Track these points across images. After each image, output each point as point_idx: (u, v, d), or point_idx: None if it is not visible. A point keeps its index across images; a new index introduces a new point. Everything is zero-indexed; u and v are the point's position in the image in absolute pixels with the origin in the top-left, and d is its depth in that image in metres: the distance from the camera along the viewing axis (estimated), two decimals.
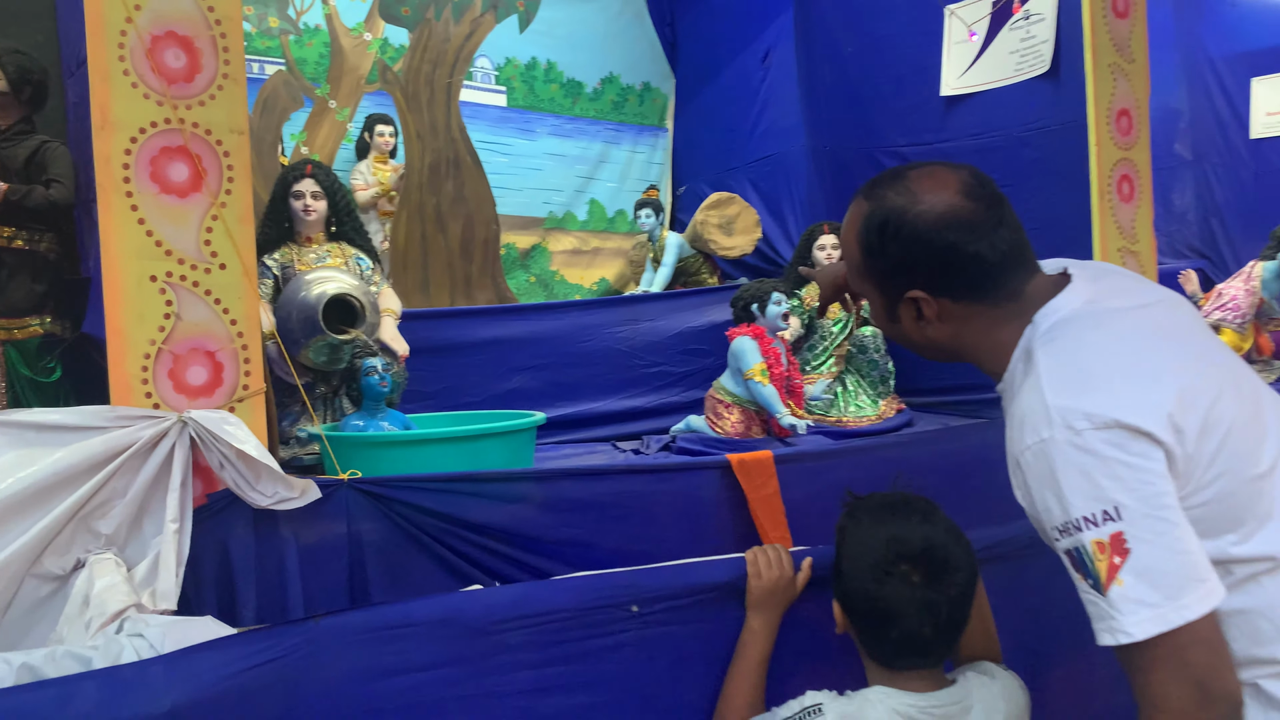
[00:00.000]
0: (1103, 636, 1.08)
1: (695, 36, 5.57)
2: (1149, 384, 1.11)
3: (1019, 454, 1.13)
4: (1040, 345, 1.16)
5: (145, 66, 1.92)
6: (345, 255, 3.09)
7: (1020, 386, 1.17)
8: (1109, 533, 1.05)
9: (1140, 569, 1.05)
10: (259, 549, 2.01)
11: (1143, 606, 1.04)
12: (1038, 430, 1.10)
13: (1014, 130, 3.87)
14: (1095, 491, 1.06)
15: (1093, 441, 1.06)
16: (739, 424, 3.44)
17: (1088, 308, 1.19)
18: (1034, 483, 1.11)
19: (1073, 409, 1.08)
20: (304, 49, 4.48)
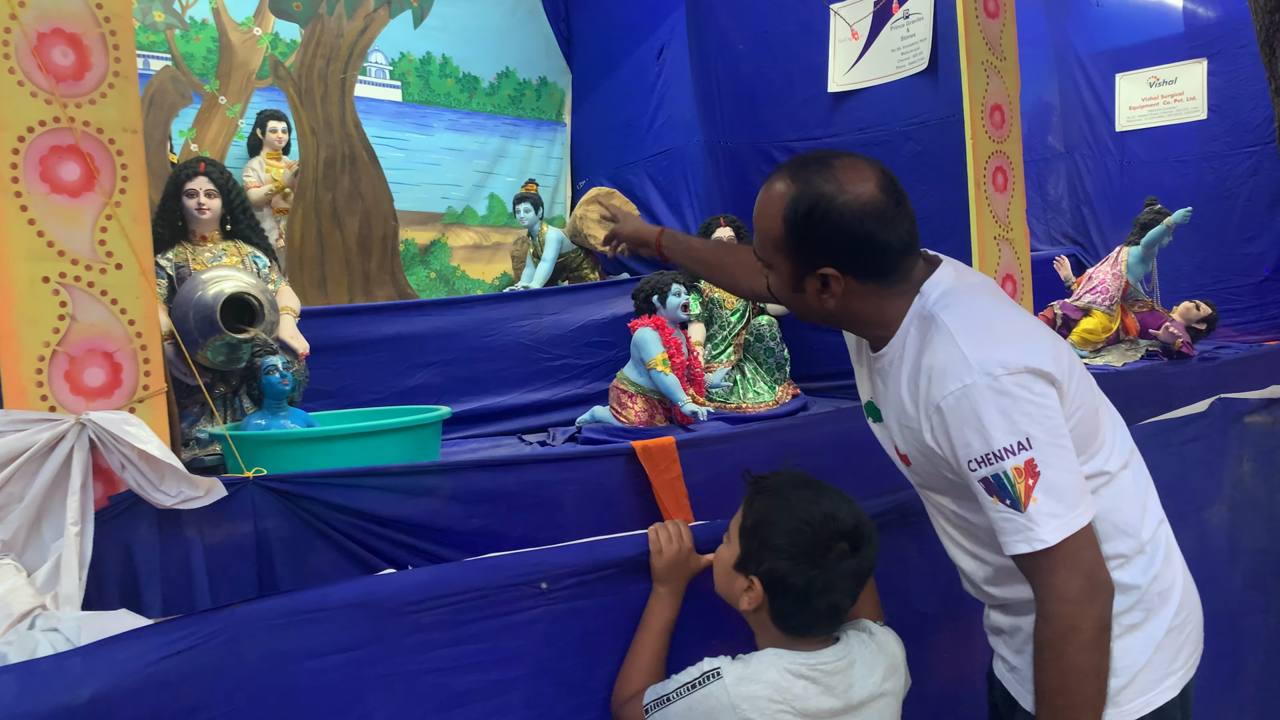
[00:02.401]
0: (1018, 546, 1.28)
1: (590, 32, 5.62)
2: (1037, 337, 1.35)
3: (939, 399, 1.31)
4: (940, 310, 1.35)
5: (32, 64, 1.89)
6: (241, 253, 3.06)
7: (925, 345, 1.34)
8: (1024, 459, 1.25)
9: (1048, 487, 1.26)
10: (163, 550, 2.00)
11: (1053, 518, 1.26)
12: (960, 377, 1.28)
13: (897, 125, 4.04)
14: (1011, 426, 1.26)
15: (1008, 384, 1.26)
16: (643, 413, 3.53)
17: (959, 281, 1.41)
18: (954, 423, 1.29)
19: (989, 359, 1.27)
20: (191, 44, 4.38)
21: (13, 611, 1.39)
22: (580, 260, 4.78)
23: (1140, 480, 1.49)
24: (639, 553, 1.49)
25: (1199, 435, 2.55)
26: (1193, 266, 5.59)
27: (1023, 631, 1.45)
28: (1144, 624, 1.41)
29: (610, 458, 2.70)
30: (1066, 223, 6.72)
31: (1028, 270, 3.59)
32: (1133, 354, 4.83)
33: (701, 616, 1.54)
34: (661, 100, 5.10)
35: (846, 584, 1.38)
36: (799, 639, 1.40)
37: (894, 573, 1.72)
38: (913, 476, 1.49)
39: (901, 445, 1.45)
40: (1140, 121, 6.13)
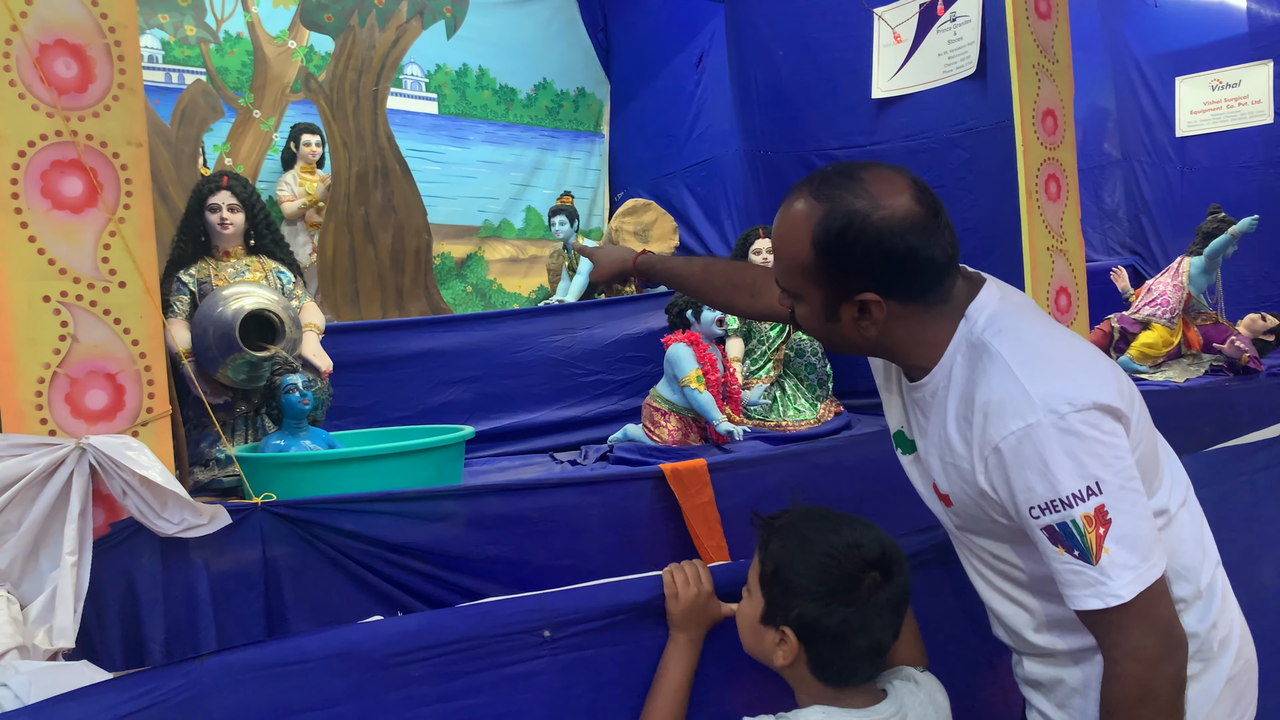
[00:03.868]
0: (1087, 601, 1.16)
1: (629, 42, 5.54)
2: (1099, 366, 1.22)
3: (997, 440, 1.18)
4: (992, 337, 1.22)
5: (34, 76, 1.83)
6: (265, 269, 3.00)
7: (977, 377, 1.21)
8: (1094, 506, 1.14)
9: (1120, 536, 1.14)
10: (167, 579, 1.93)
11: (1127, 570, 1.14)
12: (1022, 416, 1.16)
13: (944, 132, 3.89)
14: (1080, 469, 1.14)
15: (1075, 423, 1.14)
16: (676, 432, 3.41)
17: (1005, 303, 1.27)
18: (1014, 466, 1.17)
19: (1054, 394, 1.15)
20: (225, 58, 4.36)
21: None
22: None
23: (1197, 518, 1.36)
24: (653, 597, 1.37)
25: (1272, 462, 2.36)
26: (1259, 276, 5.34)
27: (1065, 685, 1.32)
28: (1202, 675, 1.28)
29: (638, 481, 2.58)
30: (1124, 232, 6.48)
31: (1083, 283, 3.42)
32: (1195, 369, 4.60)
33: (723, 667, 1.41)
34: (700, 109, 5.00)
35: (885, 617, 1.25)
36: (843, 690, 1.27)
37: (931, 616, 1.58)
38: (952, 519, 1.35)
39: (943, 485, 1.32)
40: (1202, 126, 5.89)
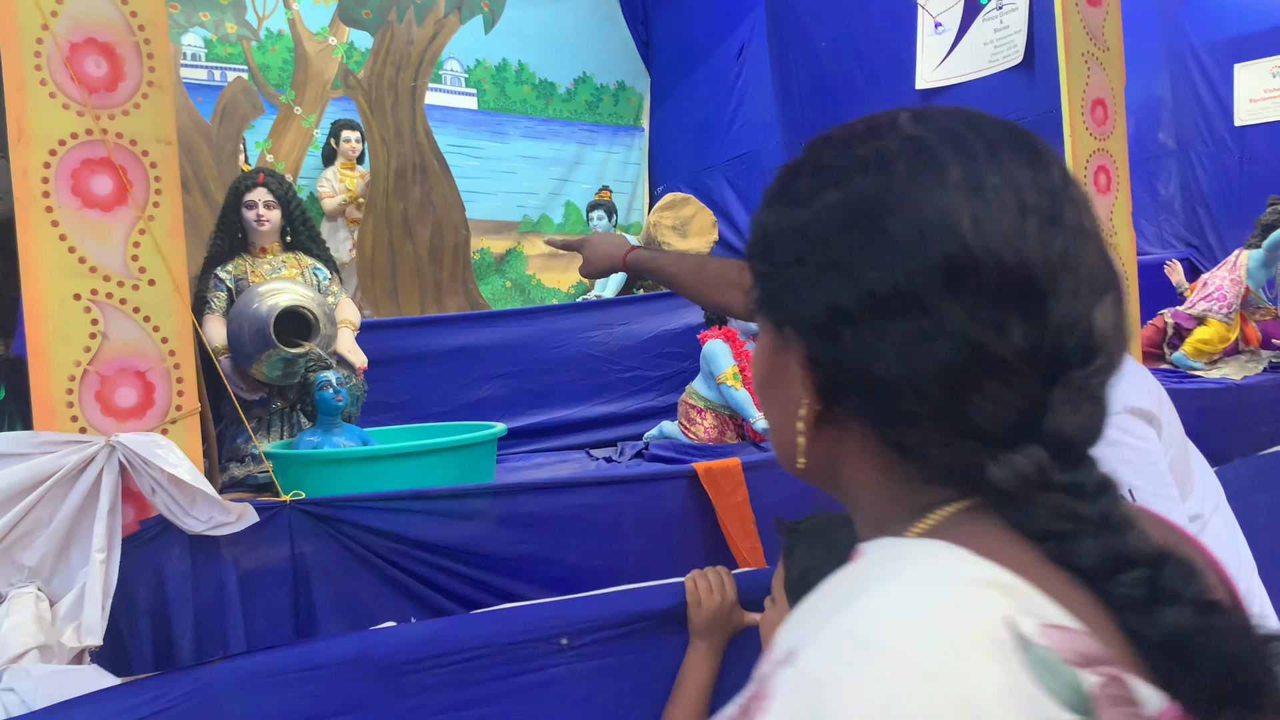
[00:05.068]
0: None
1: (669, 34, 5.49)
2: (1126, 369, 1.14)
3: None
4: None
5: (64, 75, 1.83)
6: (301, 265, 3.01)
7: None
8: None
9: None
10: (196, 576, 1.93)
11: None
12: None
13: None
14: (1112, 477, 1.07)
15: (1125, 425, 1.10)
16: (713, 429, 3.36)
17: None
18: None
19: None
20: (267, 55, 4.39)
21: (7, 652, 1.31)
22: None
23: (1230, 525, 1.30)
24: (674, 604, 1.33)
25: None
26: None
27: None
28: None
29: (671, 480, 2.54)
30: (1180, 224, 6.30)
31: (1134, 279, 3.31)
32: (1254, 366, 4.45)
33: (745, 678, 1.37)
34: (741, 101, 4.94)
35: None
36: None
37: None
38: None
39: None
40: (1262, 115, 5.69)
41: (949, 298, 0.54)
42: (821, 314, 0.58)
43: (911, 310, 0.55)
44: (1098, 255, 0.57)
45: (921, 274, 0.54)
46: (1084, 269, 0.56)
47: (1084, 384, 0.57)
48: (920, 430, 0.57)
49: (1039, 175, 0.56)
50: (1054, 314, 0.54)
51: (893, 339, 0.55)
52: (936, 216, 0.55)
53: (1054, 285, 0.54)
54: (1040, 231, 0.55)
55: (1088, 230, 0.57)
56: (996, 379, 0.54)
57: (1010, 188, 0.55)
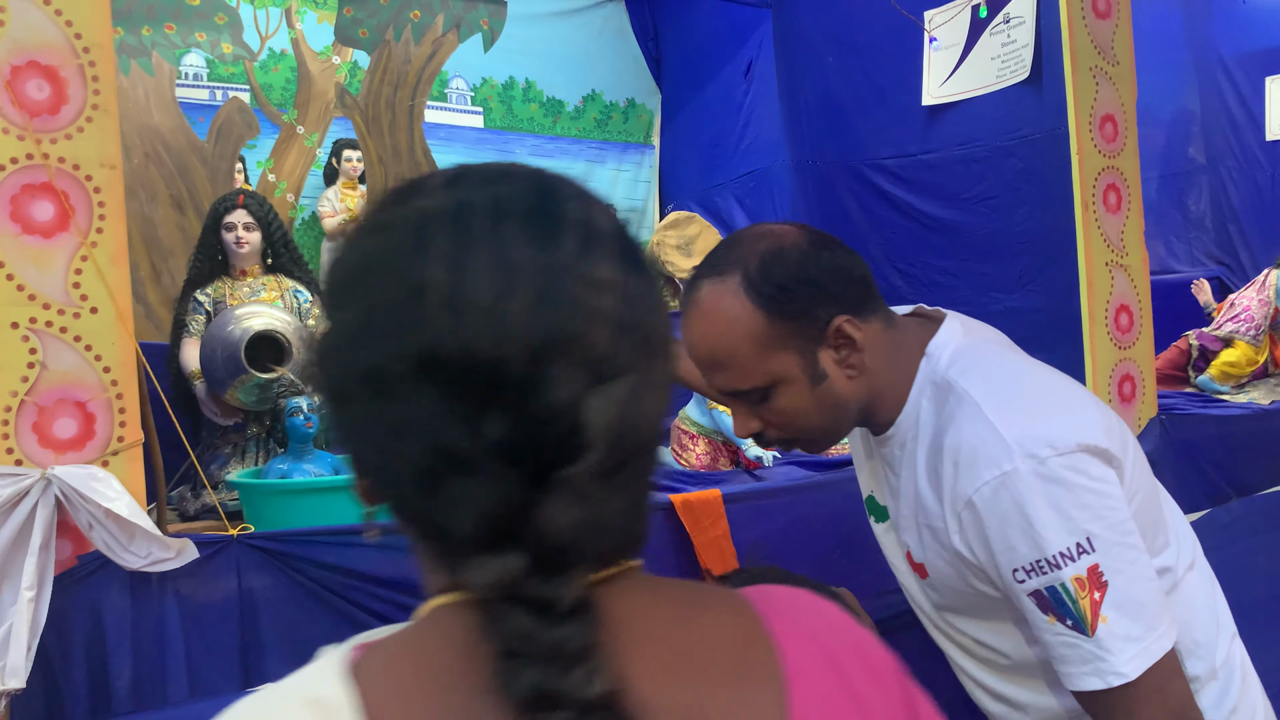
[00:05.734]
0: (1085, 680, 0.99)
1: (680, 50, 5.42)
2: (1082, 403, 1.08)
3: (969, 492, 1.04)
4: (958, 376, 1.09)
5: (4, 99, 1.79)
6: (283, 288, 2.96)
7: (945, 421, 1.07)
8: (1085, 566, 0.98)
9: (1120, 601, 0.98)
10: (136, 614, 1.87)
11: (1129, 642, 0.98)
12: (996, 463, 1.02)
13: (998, 139, 3.67)
14: (1067, 524, 0.99)
15: (1057, 469, 0.99)
16: (705, 456, 3.27)
17: (970, 338, 1.15)
18: (991, 523, 1.02)
19: (1032, 436, 1.01)
20: (269, 74, 4.39)
21: None
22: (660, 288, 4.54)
23: (1208, 583, 1.19)
24: None
25: None
26: None
27: None
28: None
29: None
30: (1210, 241, 6.12)
31: (1147, 301, 3.18)
32: None
33: None
34: (749, 119, 4.85)
35: None
36: None
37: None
38: (928, 595, 1.20)
39: (918, 553, 1.17)
40: None
41: (419, 385, 0.49)
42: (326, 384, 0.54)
43: (385, 395, 0.50)
44: (609, 338, 0.51)
45: (395, 357, 0.50)
46: (581, 354, 0.50)
47: (575, 484, 0.50)
48: (407, 522, 0.54)
49: (545, 251, 0.51)
50: (532, 406, 0.49)
51: (369, 423, 0.52)
52: (412, 295, 0.50)
53: (534, 374, 0.49)
54: (526, 314, 0.49)
55: (599, 310, 0.51)
56: (468, 476, 0.49)
57: (498, 267, 0.50)
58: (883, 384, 1.14)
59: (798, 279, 1.08)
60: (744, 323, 1.09)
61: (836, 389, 1.12)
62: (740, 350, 1.10)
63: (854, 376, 1.12)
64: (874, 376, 1.14)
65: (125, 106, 3.67)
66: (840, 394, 1.13)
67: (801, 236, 1.11)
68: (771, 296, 1.08)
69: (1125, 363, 3.17)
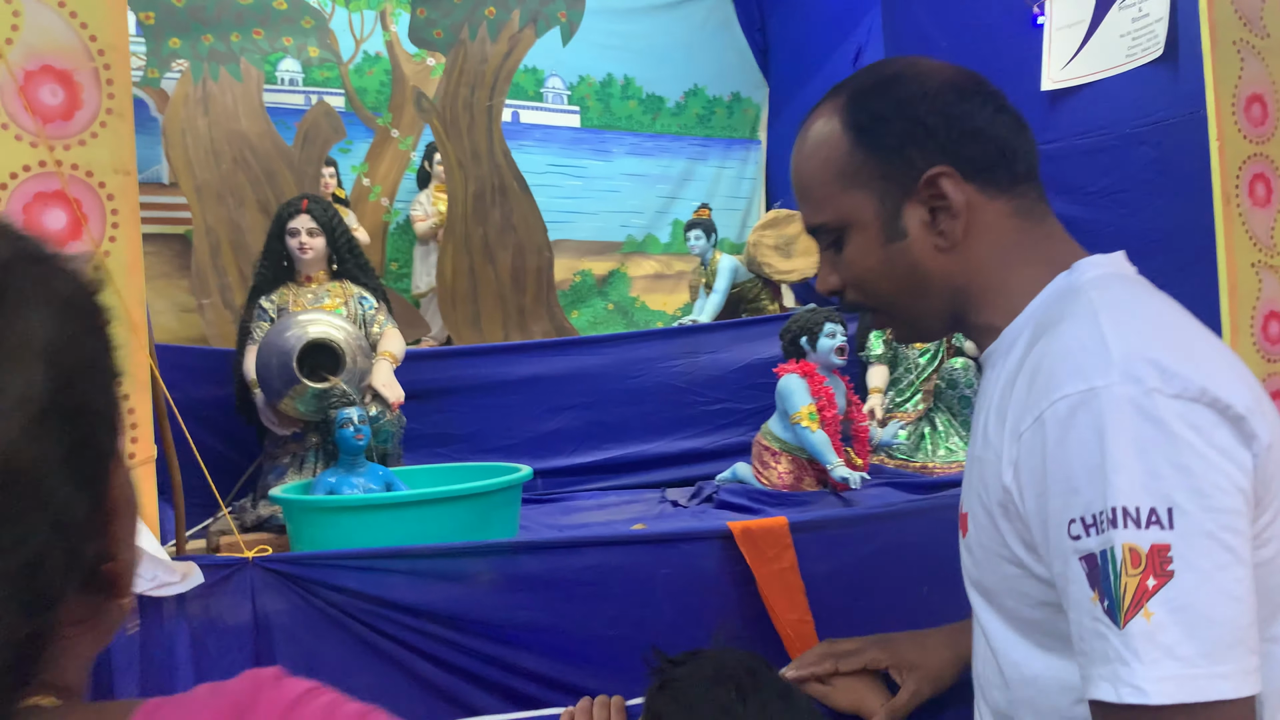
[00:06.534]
0: (1099, 685, 0.73)
1: (787, 40, 5.16)
2: (1237, 368, 0.80)
3: (1043, 408, 0.79)
4: (1093, 287, 0.86)
5: (18, 105, 1.75)
6: (347, 294, 2.90)
7: (1052, 324, 0.84)
8: (1150, 541, 0.72)
9: (1180, 604, 0.71)
10: (144, 637, 1.80)
11: (1170, 659, 0.71)
12: (1086, 375, 0.77)
13: (1127, 126, 3.29)
14: (1149, 479, 0.73)
15: (1166, 409, 0.74)
16: (788, 474, 3.04)
17: (1131, 274, 0.92)
18: (1057, 450, 0.77)
19: (1146, 359, 0.76)
20: (364, 78, 4.38)
21: None
22: (758, 291, 4.32)
23: None
24: None
25: None
26: None
27: None
28: None
29: (702, 540, 2.25)
30: None
31: None
32: None
33: None
34: None
35: None
36: None
37: None
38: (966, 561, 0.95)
39: (966, 500, 0.94)
40: None
41: None
42: None
43: None
44: None
45: None
46: None
47: None
48: None
49: None
50: None
51: None
52: None
53: None
54: None
55: None
56: None
57: None
58: (990, 279, 0.93)
59: (901, 113, 0.91)
60: (828, 148, 0.94)
61: (915, 255, 0.93)
62: (818, 177, 0.96)
63: (943, 249, 0.92)
64: (977, 264, 0.93)
65: (214, 112, 3.71)
66: (919, 263, 0.93)
67: (945, 75, 0.94)
68: (862, 125, 0.92)
69: (1275, 377, 2.76)
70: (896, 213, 0.92)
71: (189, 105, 3.71)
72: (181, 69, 3.79)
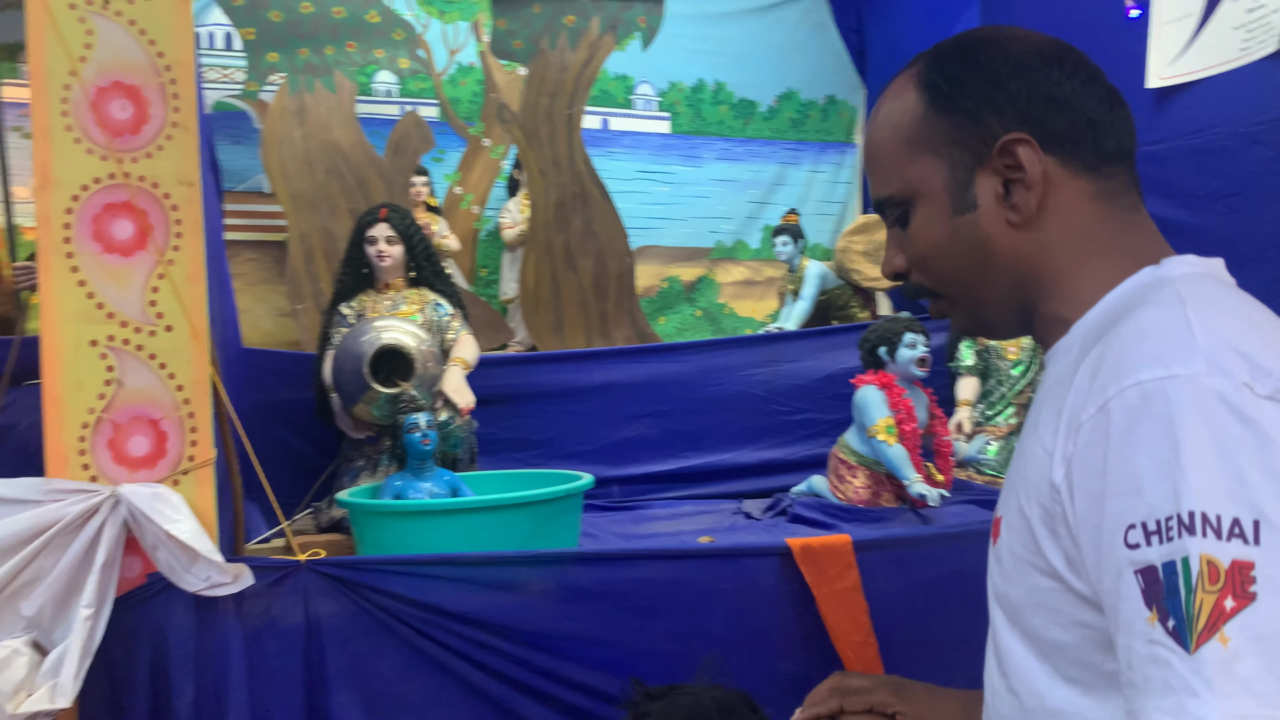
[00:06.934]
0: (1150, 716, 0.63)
1: (885, 41, 5.03)
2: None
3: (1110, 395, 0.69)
4: (1182, 282, 0.76)
5: (90, 120, 1.82)
6: (424, 301, 2.94)
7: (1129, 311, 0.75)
8: (1232, 555, 0.61)
9: (1263, 632, 0.60)
10: (200, 635, 1.85)
11: (1246, 694, 0.60)
12: (1164, 361, 0.67)
13: (1240, 125, 3.06)
14: (1235, 483, 0.63)
15: (1255, 407, 0.64)
16: (865, 489, 2.94)
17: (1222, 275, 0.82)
18: (1121, 442, 0.67)
19: (1239, 352, 0.66)
20: (457, 88, 4.46)
21: None
22: (847, 298, 4.21)
23: None
24: None
25: None
26: None
27: None
28: None
29: (760, 557, 2.19)
30: None
31: None
32: None
33: None
34: None
35: None
36: None
37: None
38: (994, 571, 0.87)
39: (1004, 501, 0.85)
40: None
41: None
42: None
43: None
44: None
45: None
46: None
47: None
48: None
49: None
50: None
51: None
52: None
53: None
54: None
55: None
56: None
57: None
58: (1064, 264, 0.84)
59: (980, 75, 0.84)
60: (900, 113, 0.88)
61: (984, 229, 0.85)
62: (888, 146, 0.89)
63: (1016, 224, 0.84)
64: (1051, 246, 0.84)
65: (309, 123, 3.84)
66: (989, 238, 0.84)
67: (1033, 41, 0.86)
68: (937, 86, 0.85)
69: None
70: (968, 182, 0.85)
71: (285, 117, 3.84)
72: (279, 82, 3.93)
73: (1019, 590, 0.79)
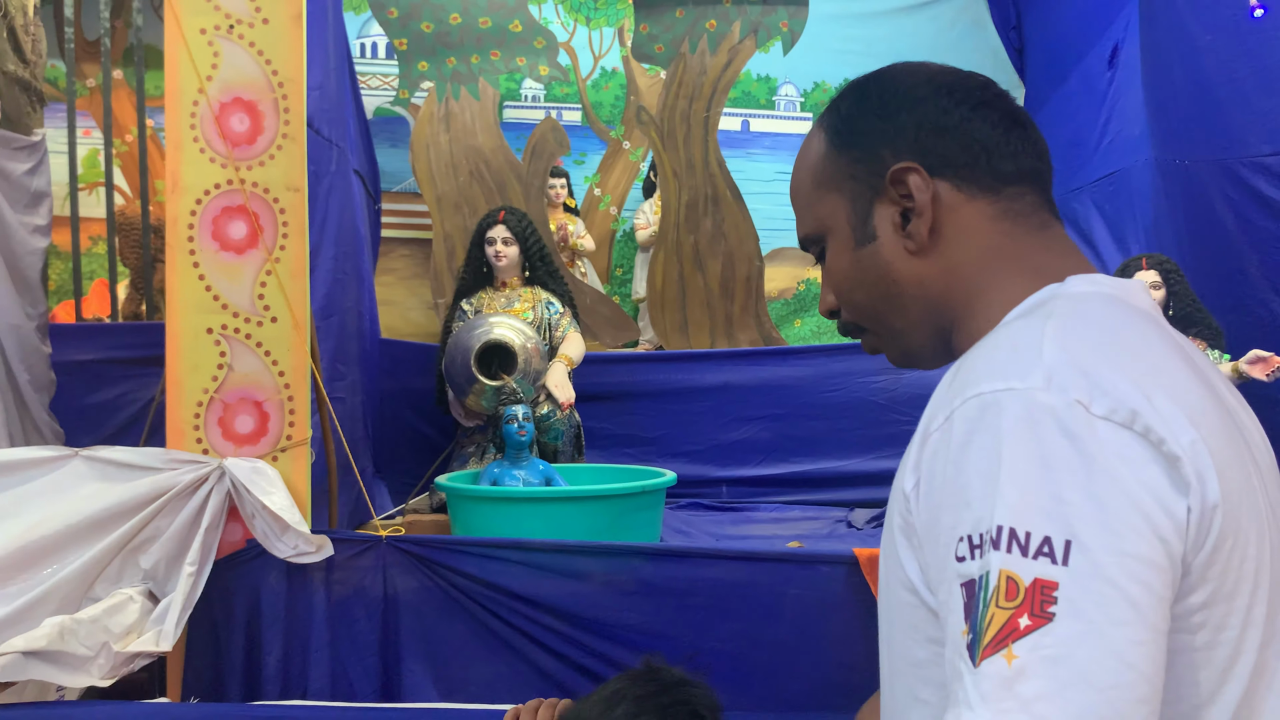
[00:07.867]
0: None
1: (1043, 38, 4.80)
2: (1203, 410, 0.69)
3: (955, 405, 0.68)
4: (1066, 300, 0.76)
5: (213, 132, 2.05)
6: (536, 299, 3.08)
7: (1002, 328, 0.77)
8: (1035, 574, 0.61)
9: (1054, 654, 0.60)
10: (290, 597, 2.04)
11: (1024, 714, 0.59)
12: (1005, 376, 0.67)
13: None
14: (1050, 502, 0.62)
15: (1089, 427, 0.64)
16: None
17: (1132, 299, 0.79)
18: (955, 454, 0.67)
19: (1082, 369, 0.66)
20: (600, 92, 4.60)
21: None
22: None
23: None
24: None
25: None
26: None
27: None
28: None
29: (825, 564, 2.19)
30: None
31: None
32: None
33: None
34: (1111, 113, 4.17)
35: None
36: None
37: None
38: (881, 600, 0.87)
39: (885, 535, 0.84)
40: None
41: None
42: None
43: None
44: None
45: None
46: None
47: None
48: None
49: None
50: None
51: None
52: None
53: None
54: None
55: None
56: None
57: None
58: (969, 286, 0.83)
59: (871, 111, 0.86)
60: (808, 155, 0.92)
61: (885, 257, 0.86)
62: (801, 187, 0.93)
63: (914, 252, 0.84)
64: (954, 269, 0.84)
65: (454, 129, 4.07)
66: (890, 266, 0.85)
67: (926, 73, 0.88)
68: (835, 126, 0.89)
69: None
70: (867, 214, 0.86)
71: (432, 122, 4.10)
72: (428, 89, 4.19)
73: (886, 604, 0.80)
